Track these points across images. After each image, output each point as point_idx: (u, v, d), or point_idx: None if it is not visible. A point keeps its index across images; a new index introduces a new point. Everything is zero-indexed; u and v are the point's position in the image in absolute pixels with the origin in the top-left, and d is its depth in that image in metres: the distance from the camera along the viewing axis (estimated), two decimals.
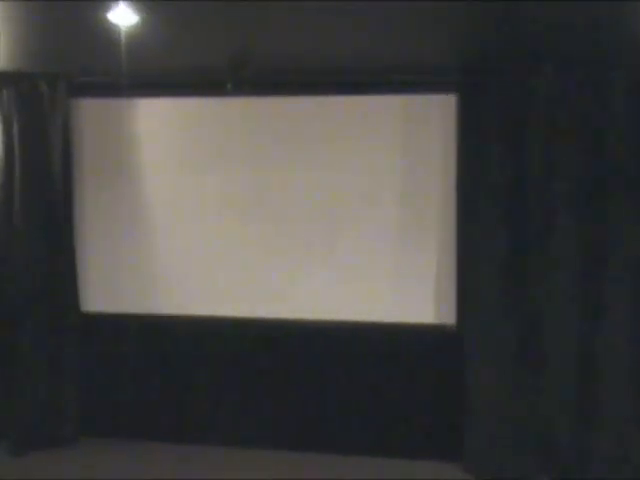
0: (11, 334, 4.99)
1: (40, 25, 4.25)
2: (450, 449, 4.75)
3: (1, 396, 5.08)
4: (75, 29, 4.21)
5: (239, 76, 4.61)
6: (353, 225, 4.83)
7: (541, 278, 4.52)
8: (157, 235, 5.06)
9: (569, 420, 4.54)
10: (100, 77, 4.87)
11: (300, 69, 4.63)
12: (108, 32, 4.07)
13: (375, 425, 4.93)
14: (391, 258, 4.82)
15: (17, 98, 4.94)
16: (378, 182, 4.81)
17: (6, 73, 4.91)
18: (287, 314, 4.91)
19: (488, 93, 4.55)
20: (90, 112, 5.08)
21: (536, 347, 4.55)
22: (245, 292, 4.95)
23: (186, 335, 5.10)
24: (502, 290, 4.57)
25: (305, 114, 4.86)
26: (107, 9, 3.85)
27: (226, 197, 4.98)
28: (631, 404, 4.49)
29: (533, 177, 4.52)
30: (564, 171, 4.49)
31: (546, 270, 4.51)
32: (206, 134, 4.98)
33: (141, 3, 3.84)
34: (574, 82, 4.45)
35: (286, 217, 4.92)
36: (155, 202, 5.06)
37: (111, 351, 5.15)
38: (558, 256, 4.49)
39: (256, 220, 4.94)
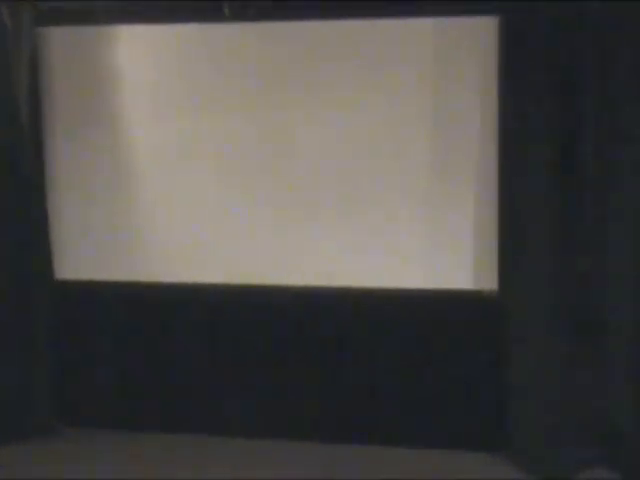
0: None
1: None
2: (492, 436, 4.39)
3: None
4: None
5: None
6: (376, 175, 4.45)
7: (596, 239, 4.13)
8: (142, 190, 4.73)
9: (632, 400, 4.13)
10: (72, 1, 4.56)
11: None
12: None
13: (403, 409, 4.54)
14: (422, 214, 4.45)
15: None
16: (405, 124, 4.40)
17: None
18: (299, 281, 4.53)
19: (535, 14, 4.09)
20: (61, 43, 4.72)
21: (590, 317, 4.16)
22: (249, 256, 4.60)
23: (179, 306, 4.74)
24: (551, 251, 4.17)
25: (317, 43, 4.46)
26: None
27: (223, 145, 4.60)
28: None
29: (589, 115, 4.07)
30: (626, 108, 4.02)
31: (602, 230, 4.12)
32: (199, 68, 4.59)
33: None
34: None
35: (296, 168, 4.54)
36: (139, 151, 4.72)
37: (90, 325, 4.83)
38: (616, 215, 4.09)
39: (260, 172, 4.57)
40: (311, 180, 4.52)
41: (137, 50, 4.64)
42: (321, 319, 4.57)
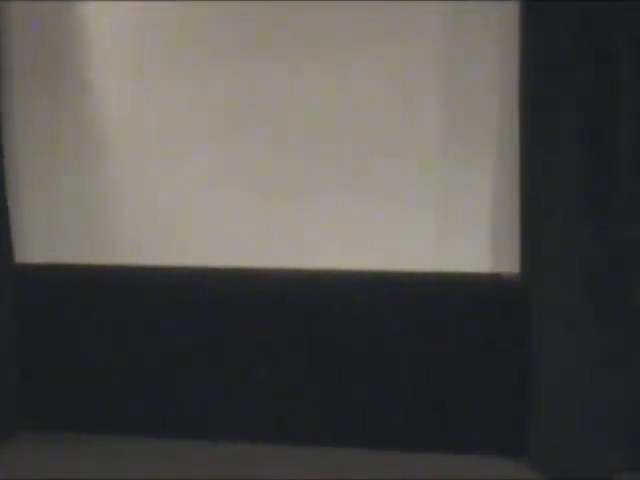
0: None
1: None
2: (511, 441, 4.13)
3: None
4: None
5: None
6: (382, 147, 4.20)
7: (632, 214, 3.89)
8: (113, 164, 4.50)
9: None
10: None
11: None
12: None
13: (411, 409, 4.30)
14: (433, 188, 4.20)
15: None
16: (413, 86, 4.14)
17: None
18: (294, 263, 4.32)
19: None
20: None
21: (629, 305, 3.92)
22: (236, 235, 4.35)
23: (158, 293, 4.46)
24: (579, 229, 3.92)
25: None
26: None
27: (206, 108, 4.34)
28: None
29: (623, 79, 3.79)
30: None
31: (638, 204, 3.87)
32: (176, 20, 4.29)
33: None
34: None
35: (290, 135, 4.27)
36: (111, 122, 4.49)
37: (59, 316, 4.55)
38: None
39: (248, 139, 4.30)
40: (307, 152, 4.28)
41: (108, 15, 4.36)
42: (322, 306, 4.33)
